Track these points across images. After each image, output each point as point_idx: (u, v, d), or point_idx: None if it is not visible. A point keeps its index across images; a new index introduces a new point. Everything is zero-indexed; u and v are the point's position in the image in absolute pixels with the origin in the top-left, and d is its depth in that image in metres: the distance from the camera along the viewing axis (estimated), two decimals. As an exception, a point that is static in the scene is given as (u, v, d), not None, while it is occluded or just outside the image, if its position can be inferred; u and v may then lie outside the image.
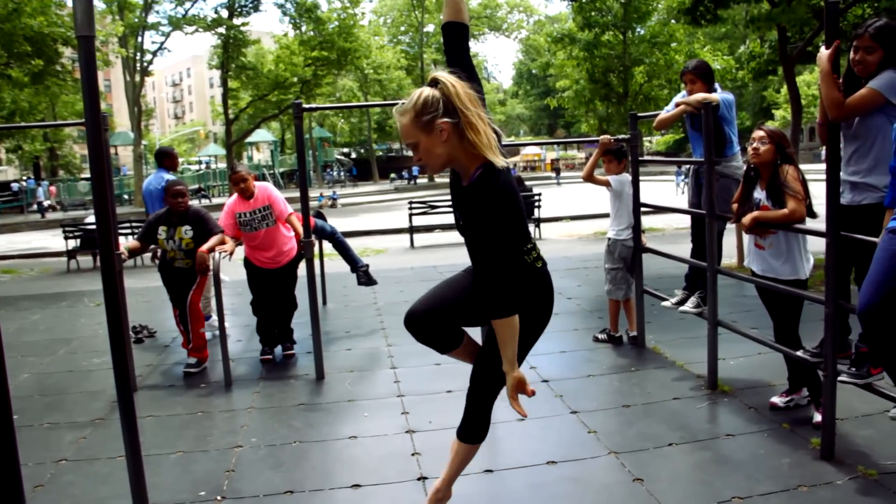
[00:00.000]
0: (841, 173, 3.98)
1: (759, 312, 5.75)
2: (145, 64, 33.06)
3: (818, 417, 4.24)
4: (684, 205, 6.01)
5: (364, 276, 7.95)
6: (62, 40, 20.73)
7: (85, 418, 5.20)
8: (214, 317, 7.06)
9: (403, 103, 2.59)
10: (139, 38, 31.86)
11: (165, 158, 7.82)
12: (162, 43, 34.45)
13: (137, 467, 3.00)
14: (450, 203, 2.96)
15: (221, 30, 32.81)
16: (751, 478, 3.80)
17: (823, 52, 3.71)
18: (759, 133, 4.43)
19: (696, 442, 4.33)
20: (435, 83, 2.56)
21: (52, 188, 39.02)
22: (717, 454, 4.16)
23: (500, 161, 2.54)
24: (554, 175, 43.29)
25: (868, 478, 3.70)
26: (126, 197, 36.71)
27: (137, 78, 32.87)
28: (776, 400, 4.73)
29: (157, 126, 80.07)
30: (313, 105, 6.88)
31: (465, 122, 2.50)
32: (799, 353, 4.32)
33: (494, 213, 2.52)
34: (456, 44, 2.73)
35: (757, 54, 14.32)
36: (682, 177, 31.56)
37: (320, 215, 8.55)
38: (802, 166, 4.46)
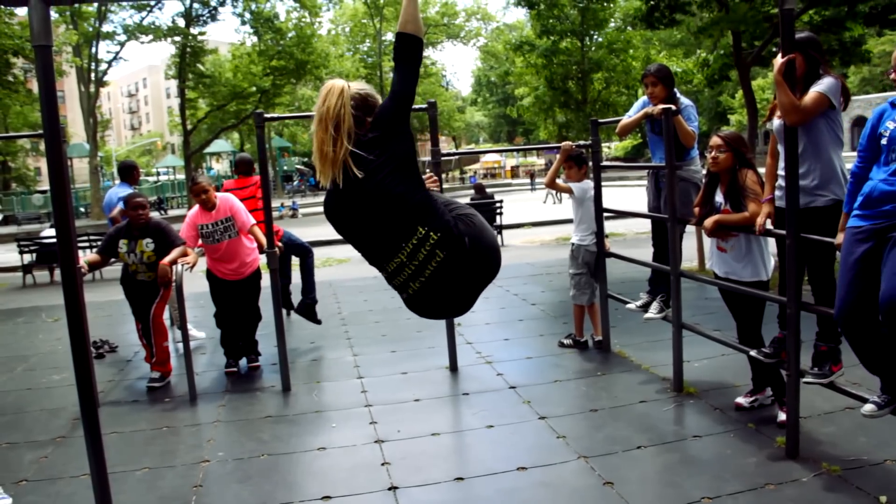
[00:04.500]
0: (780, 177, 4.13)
1: (721, 314, 5.84)
2: (100, 74, 32.47)
3: (782, 416, 4.33)
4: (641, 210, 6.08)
5: (305, 308, 7.67)
6: (13, 50, 20.30)
7: (46, 437, 5.07)
8: (191, 329, 6.99)
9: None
10: (93, 48, 31.30)
11: (132, 172, 7.77)
12: (117, 53, 33.94)
13: (103, 485, 2.94)
14: None
15: (178, 39, 32.34)
16: (719, 478, 3.85)
17: (778, 60, 3.78)
18: (716, 141, 4.52)
19: (664, 444, 4.38)
20: None
21: None
22: (684, 455, 4.22)
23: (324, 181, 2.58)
24: (528, 181, 43.50)
25: (832, 474, 3.78)
26: (83, 210, 35.94)
27: (92, 88, 32.25)
28: (741, 400, 4.81)
29: (114, 137, 78.84)
30: (274, 115, 6.83)
31: None
32: (758, 352, 4.39)
33: None
34: (397, 53, 2.67)
35: (709, 62, 14.50)
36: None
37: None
38: (760, 170, 4.54)
